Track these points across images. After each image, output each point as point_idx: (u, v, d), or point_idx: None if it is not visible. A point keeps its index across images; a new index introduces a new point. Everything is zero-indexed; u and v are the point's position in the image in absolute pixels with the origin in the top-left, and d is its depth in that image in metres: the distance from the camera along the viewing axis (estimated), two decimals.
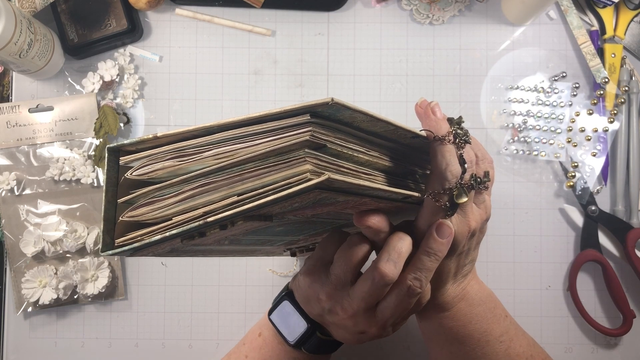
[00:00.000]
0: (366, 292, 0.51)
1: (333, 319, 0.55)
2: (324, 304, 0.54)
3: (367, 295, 0.51)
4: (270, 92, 0.82)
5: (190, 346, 0.82)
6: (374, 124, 0.45)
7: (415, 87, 0.82)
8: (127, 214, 0.45)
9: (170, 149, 0.43)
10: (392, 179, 0.50)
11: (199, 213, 0.41)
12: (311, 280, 0.55)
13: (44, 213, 0.80)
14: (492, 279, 0.81)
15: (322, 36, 0.83)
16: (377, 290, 0.51)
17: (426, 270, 0.50)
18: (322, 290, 0.54)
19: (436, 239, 0.50)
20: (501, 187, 0.81)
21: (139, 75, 0.82)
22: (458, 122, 0.52)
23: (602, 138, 0.81)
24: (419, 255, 0.50)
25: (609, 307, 0.81)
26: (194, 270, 0.82)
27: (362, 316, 0.53)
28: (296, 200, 0.40)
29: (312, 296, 0.55)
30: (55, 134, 0.81)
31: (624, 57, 0.81)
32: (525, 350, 0.62)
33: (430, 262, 0.50)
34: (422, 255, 0.50)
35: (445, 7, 0.82)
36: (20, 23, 0.70)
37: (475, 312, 0.59)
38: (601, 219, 0.80)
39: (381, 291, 0.51)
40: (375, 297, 0.52)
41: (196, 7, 0.82)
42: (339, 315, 0.54)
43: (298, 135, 0.40)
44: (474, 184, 0.51)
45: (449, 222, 0.50)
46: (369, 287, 0.51)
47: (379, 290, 0.51)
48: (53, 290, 0.78)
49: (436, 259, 0.50)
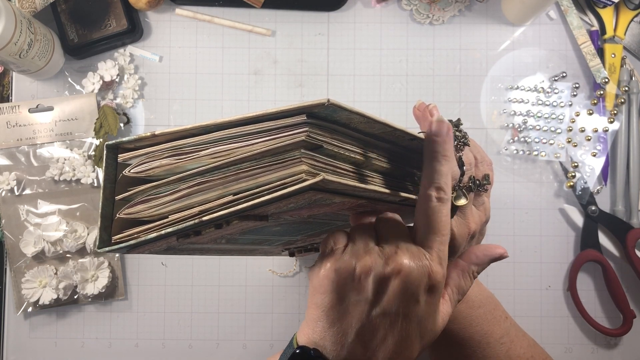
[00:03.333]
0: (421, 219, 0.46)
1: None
2: (365, 275, 0.45)
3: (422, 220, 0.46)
4: (270, 92, 0.82)
5: (190, 346, 0.82)
6: (371, 126, 0.45)
7: (415, 87, 0.82)
8: (124, 211, 0.45)
9: (167, 147, 0.43)
10: (390, 180, 0.50)
11: (195, 212, 0.41)
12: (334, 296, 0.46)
13: (44, 213, 0.80)
14: (492, 279, 0.81)
15: (322, 36, 0.83)
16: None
17: (440, 175, 0.45)
18: (356, 260, 0.45)
19: (436, 140, 0.45)
20: (501, 187, 0.81)
21: (139, 76, 0.82)
22: (457, 124, 0.52)
23: (602, 138, 0.81)
24: (427, 166, 0.46)
25: (609, 307, 0.81)
26: (194, 270, 0.82)
27: (415, 250, 0.45)
28: (291, 200, 0.40)
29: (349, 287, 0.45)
30: (55, 134, 0.81)
31: (624, 57, 0.81)
32: (526, 351, 0.62)
33: (441, 166, 0.45)
34: (430, 163, 0.46)
35: (445, 7, 0.82)
36: (20, 23, 0.70)
37: (476, 314, 0.59)
38: (601, 219, 0.79)
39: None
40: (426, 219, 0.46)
41: (196, 7, 0.82)
42: (389, 267, 0.44)
43: (294, 136, 0.39)
44: (472, 186, 0.51)
45: (442, 117, 0.46)
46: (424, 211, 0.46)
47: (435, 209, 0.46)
48: (53, 290, 0.79)
49: (445, 160, 0.45)
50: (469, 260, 0.50)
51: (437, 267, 0.45)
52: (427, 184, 0.45)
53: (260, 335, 0.82)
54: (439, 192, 0.45)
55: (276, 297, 0.82)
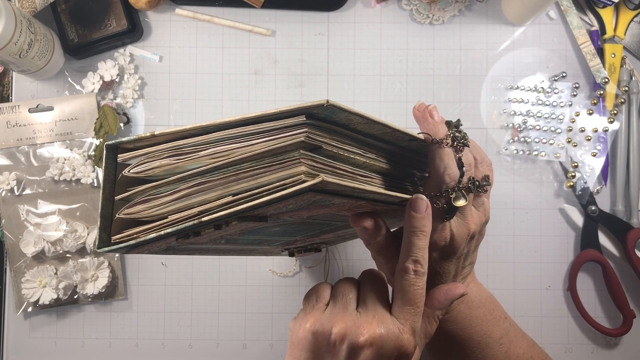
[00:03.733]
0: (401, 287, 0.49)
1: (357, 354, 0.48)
2: (340, 341, 0.47)
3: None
4: (270, 92, 0.82)
5: (190, 346, 0.82)
6: (370, 126, 0.45)
7: (415, 87, 0.82)
8: (123, 211, 0.45)
9: (167, 147, 0.43)
10: (390, 181, 0.50)
11: (194, 212, 0.42)
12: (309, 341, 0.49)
13: (44, 213, 0.80)
14: (492, 279, 0.81)
15: (322, 36, 0.83)
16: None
17: (417, 248, 0.48)
18: (333, 325, 0.48)
19: (415, 216, 0.48)
20: (501, 187, 0.81)
21: (139, 75, 0.82)
22: (456, 125, 0.52)
23: (602, 138, 0.81)
24: (406, 239, 0.49)
25: (609, 307, 0.80)
26: (194, 270, 0.82)
27: (389, 322, 0.48)
28: (290, 202, 0.40)
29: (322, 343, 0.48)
30: (55, 134, 0.81)
31: (624, 57, 0.81)
32: (525, 352, 0.62)
33: (419, 240, 0.48)
34: (409, 238, 0.49)
35: (445, 7, 0.82)
36: (20, 23, 0.70)
37: (475, 314, 0.59)
38: (601, 219, 0.79)
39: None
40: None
41: (196, 7, 0.82)
42: (363, 337, 0.47)
43: (293, 136, 0.40)
44: (472, 187, 0.51)
45: (421, 196, 0.49)
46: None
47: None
48: (53, 290, 0.79)
49: (423, 234, 0.48)
50: (432, 306, 0.53)
51: (409, 339, 0.48)
52: (405, 257, 0.49)
53: (260, 335, 0.82)
54: (415, 265, 0.48)
55: (276, 297, 0.82)
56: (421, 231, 0.48)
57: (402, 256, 0.49)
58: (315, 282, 0.82)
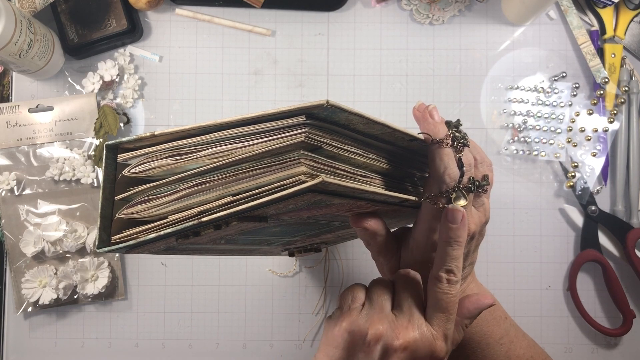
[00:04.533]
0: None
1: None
2: (374, 343, 0.48)
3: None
4: (270, 92, 0.82)
5: (190, 346, 0.82)
6: (370, 127, 0.45)
7: (415, 87, 0.82)
8: (123, 212, 0.45)
9: (167, 148, 0.43)
10: (390, 181, 0.50)
11: (194, 212, 0.42)
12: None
13: (44, 213, 0.80)
14: (492, 279, 0.81)
15: (322, 36, 0.83)
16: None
17: (452, 258, 0.49)
18: (369, 326, 0.49)
19: (451, 227, 0.49)
20: (501, 187, 0.81)
21: (139, 75, 0.82)
22: (456, 125, 0.52)
23: (602, 138, 0.81)
24: (441, 248, 0.50)
25: (609, 307, 0.81)
26: (194, 270, 0.82)
27: (424, 327, 0.49)
28: (290, 202, 0.40)
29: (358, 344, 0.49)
30: (55, 134, 0.81)
31: (624, 57, 0.81)
32: (526, 352, 0.62)
33: (454, 251, 0.49)
34: (444, 247, 0.49)
35: (445, 7, 0.82)
36: (20, 23, 0.70)
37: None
38: (601, 219, 0.79)
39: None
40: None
41: (196, 7, 0.82)
42: (398, 341, 0.48)
43: (293, 137, 0.40)
44: (472, 187, 0.51)
45: (457, 206, 0.49)
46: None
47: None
48: (53, 290, 0.79)
49: (458, 245, 0.49)
50: (462, 314, 0.53)
51: (441, 345, 0.49)
52: (439, 266, 0.50)
53: (260, 335, 0.82)
54: (449, 275, 0.49)
55: (276, 297, 0.82)
56: (456, 241, 0.49)
57: (436, 264, 0.50)
58: (315, 282, 0.82)
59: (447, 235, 0.49)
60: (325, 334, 0.51)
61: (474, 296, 0.54)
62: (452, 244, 0.49)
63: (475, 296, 0.54)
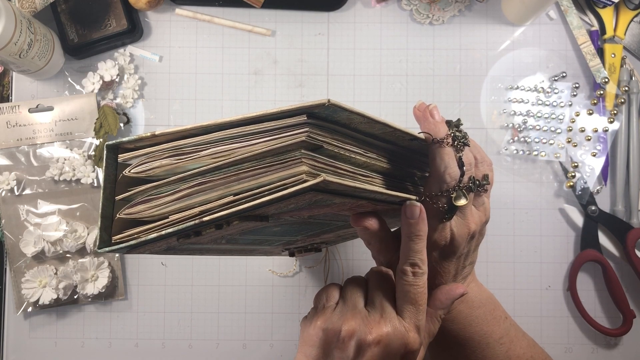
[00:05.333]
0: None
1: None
2: (348, 339, 0.49)
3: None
4: (270, 92, 0.82)
5: (190, 346, 0.82)
6: (371, 126, 0.45)
7: (415, 87, 0.82)
8: (124, 212, 0.45)
9: (167, 147, 0.43)
10: (390, 181, 0.50)
11: (195, 212, 0.41)
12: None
13: (44, 213, 0.80)
14: (492, 279, 0.81)
15: (322, 36, 0.83)
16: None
17: (414, 252, 0.50)
18: (342, 323, 0.50)
19: (410, 222, 0.50)
20: (501, 187, 0.81)
21: (139, 75, 0.82)
22: (456, 124, 0.52)
23: (602, 138, 0.81)
24: (403, 242, 0.51)
25: (609, 307, 0.81)
26: (194, 270, 0.82)
27: (396, 321, 0.50)
28: (292, 201, 0.40)
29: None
30: (55, 134, 0.81)
31: (624, 57, 0.81)
32: (526, 352, 0.62)
33: (415, 244, 0.50)
34: (407, 242, 0.50)
35: (445, 7, 0.82)
36: (20, 23, 0.70)
37: (475, 314, 0.59)
38: (601, 219, 0.79)
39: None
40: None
41: (196, 7, 0.82)
42: (371, 335, 0.49)
43: (295, 136, 0.39)
44: (472, 186, 0.51)
45: (414, 202, 0.50)
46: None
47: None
48: (53, 290, 0.79)
49: (419, 238, 0.50)
50: (434, 306, 0.55)
51: (414, 337, 0.50)
52: (403, 260, 0.51)
53: (260, 335, 0.82)
54: (414, 268, 0.50)
55: (276, 297, 0.82)
56: (417, 235, 0.50)
57: (400, 259, 0.51)
58: (315, 282, 0.82)
59: (408, 230, 0.50)
60: (301, 334, 0.52)
61: (445, 287, 0.55)
62: (413, 238, 0.50)
63: (446, 287, 0.55)
